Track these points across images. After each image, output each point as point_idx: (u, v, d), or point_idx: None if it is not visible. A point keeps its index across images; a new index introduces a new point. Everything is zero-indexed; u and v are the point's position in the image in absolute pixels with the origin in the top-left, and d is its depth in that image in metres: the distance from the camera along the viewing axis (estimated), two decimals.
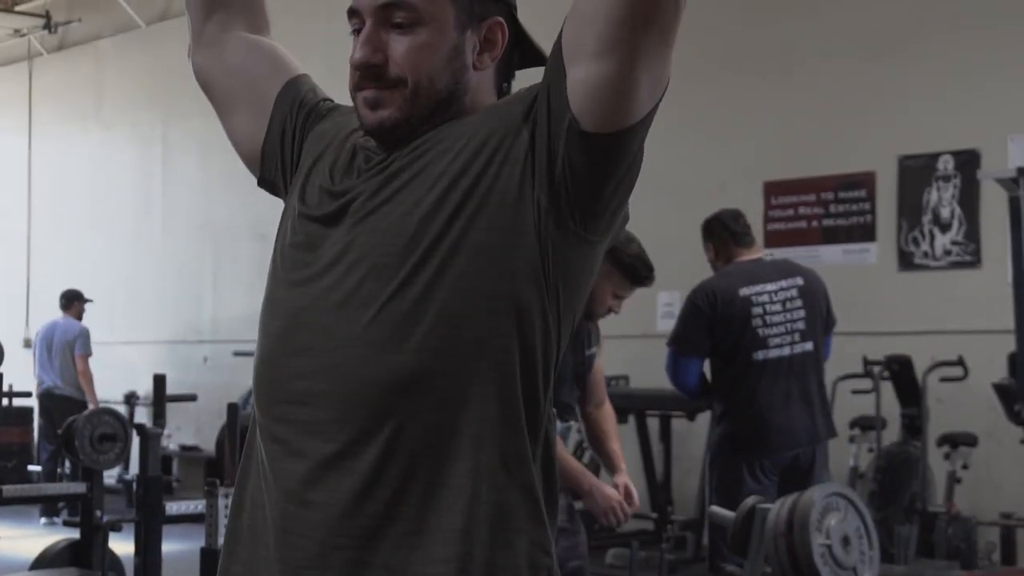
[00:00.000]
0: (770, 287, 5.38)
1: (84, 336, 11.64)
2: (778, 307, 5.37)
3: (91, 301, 11.98)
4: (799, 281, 5.46)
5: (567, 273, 1.78)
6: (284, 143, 1.99)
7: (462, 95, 1.84)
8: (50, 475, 11.16)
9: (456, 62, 1.83)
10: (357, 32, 1.84)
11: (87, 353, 11.62)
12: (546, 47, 1.96)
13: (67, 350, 11.57)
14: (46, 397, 11.49)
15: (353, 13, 1.85)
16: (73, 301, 11.87)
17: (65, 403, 11.09)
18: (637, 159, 1.77)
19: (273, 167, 2.00)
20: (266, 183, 2.03)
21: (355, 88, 1.85)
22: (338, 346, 1.75)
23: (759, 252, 5.62)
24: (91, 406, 10.74)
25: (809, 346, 5.44)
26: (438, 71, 1.81)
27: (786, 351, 5.36)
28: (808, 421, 5.42)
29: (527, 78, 1.97)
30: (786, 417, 5.34)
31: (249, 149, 2.03)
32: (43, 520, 10.88)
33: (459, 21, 1.82)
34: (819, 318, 5.51)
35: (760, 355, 5.32)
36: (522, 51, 1.93)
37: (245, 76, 2.05)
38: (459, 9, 1.82)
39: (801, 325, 5.39)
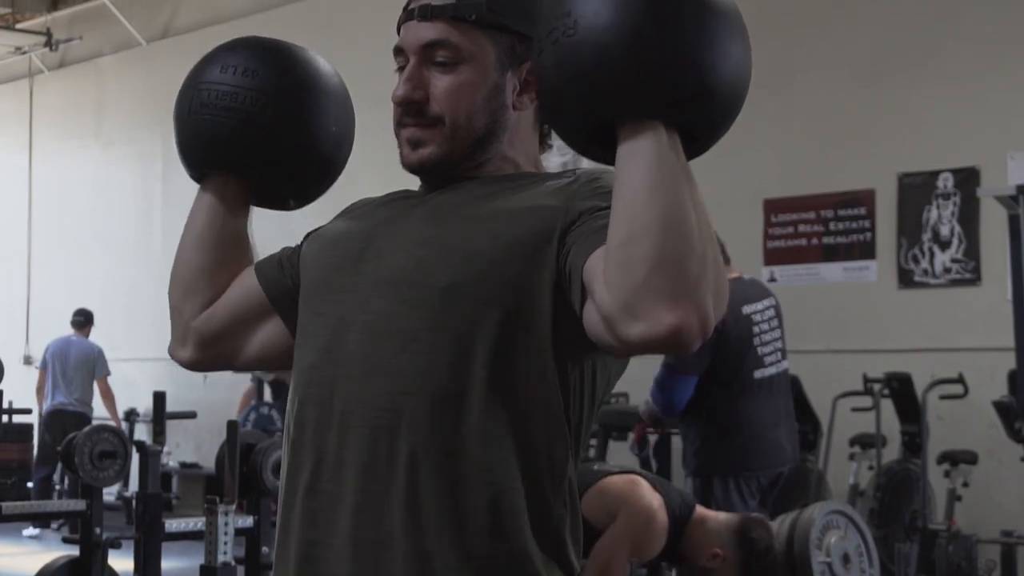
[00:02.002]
0: (759, 306, 5.45)
1: (103, 357, 11.84)
2: (767, 326, 5.44)
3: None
4: (774, 301, 5.58)
5: (592, 377, 1.79)
6: (294, 295, 1.96)
7: (501, 134, 1.86)
8: (44, 493, 11.17)
9: (495, 102, 1.85)
10: (402, 69, 1.87)
11: (108, 373, 11.82)
12: None
13: (85, 369, 11.71)
14: (57, 415, 11.51)
15: (398, 51, 1.88)
16: (90, 321, 12.04)
17: (78, 420, 11.14)
18: None
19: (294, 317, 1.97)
20: None
21: (397, 124, 1.87)
22: (358, 418, 1.75)
23: (736, 271, 5.65)
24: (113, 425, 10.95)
25: (786, 364, 5.57)
26: (477, 110, 1.83)
27: (773, 369, 5.44)
28: (792, 438, 5.54)
29: None
30: (778, 434, 5.42)
31: (281, 347, 1.99)
32: (32, 531, 10.91)
33: (500, 62, 1.84)
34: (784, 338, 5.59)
35: (759, 373, 5.37)
36: None
37: (234, 319, 2.04)
38: (500, 50, 1.84)
39: (780, 344, 5.50)
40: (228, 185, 2.06)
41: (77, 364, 11.70)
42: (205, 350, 2.07)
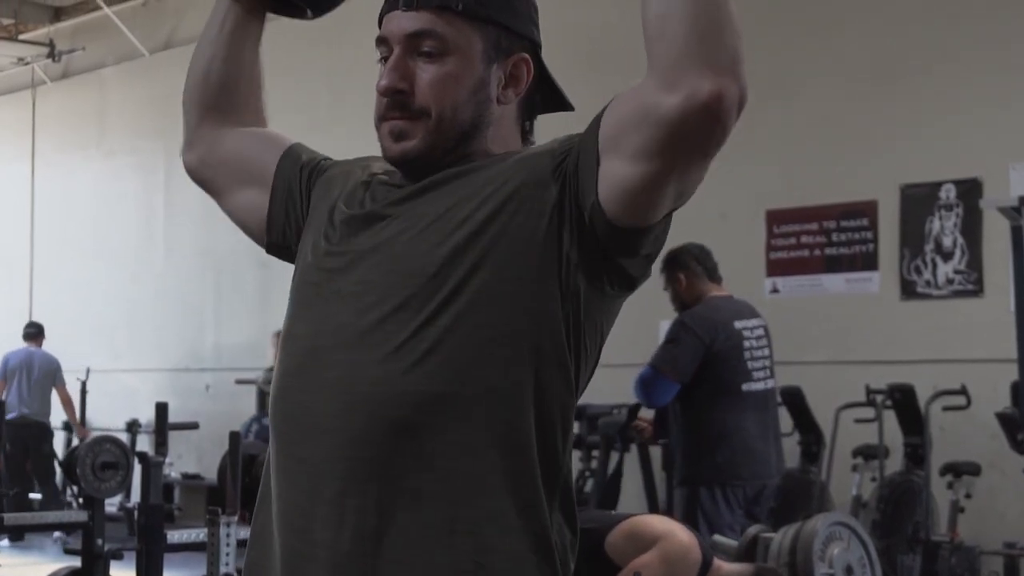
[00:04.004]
0: (750, 323, 5.63)
1: (60, 366, 12.29)
2: (756, 343, 5.61)
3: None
4: (763, 322, 5.78)
5: (588, 324, 1.78)
6: (291, 204, 1.99)
7: (485, 128, 1.85)
8: (21, 505, 11.17)
9: (480, 94, 1.83)
10: (385, 60, 1.86)
11: (64, 382, 12.29)
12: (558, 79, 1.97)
13: (48, 380, 12.16)
14: (20, 425, 11.65)
15: (381, 41, 1.86)
16: (41, 333, 12.54)
17: (39, 429, 11.79)
18: (662, 235, 1.79)
19: (280, 230, 2.01)
20: (274, 247, 2.04)
21: (380, 117, 1.86)
22: (352, 384, 1.74)
23: (727, 290, 5.80)
24: (76, 430, 12.14)
25: (773, 383, 5.77)
26: (462, 102, 1.82)
27: (761, 385, 5.61)
28: (777, 452, 5.72)
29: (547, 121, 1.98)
30: (765, 446, 5.58)
31: (255, 221, 2.05)
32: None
33: (486, 54, 1.83)
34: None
35: (746, 387, 5.54)
36: (544, 94, 1.94)
37: (240, 158, 2.07)
38: (486, 42, 1.83)
39: (768, 363, 5.70)
40: None
41: (41, 375, 12.12)
42: (202, 168, 2.12)
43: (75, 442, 12.24)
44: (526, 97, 1.89)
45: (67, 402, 12.25)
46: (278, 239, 2.01)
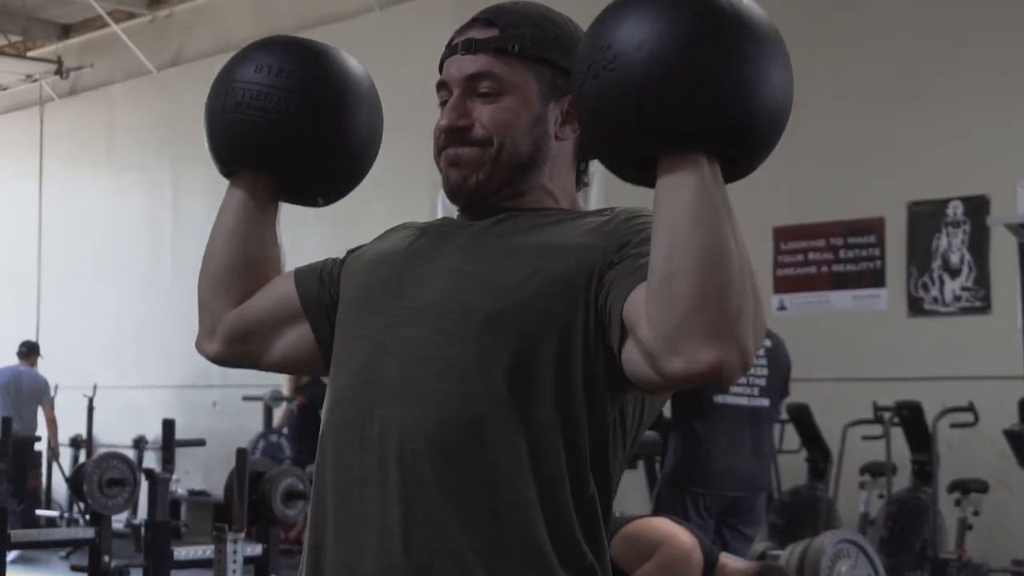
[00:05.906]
0: None
1: (48, 386, 12.43)
2: None
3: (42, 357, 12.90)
4: (767, 343, 5.85)
5: (625, 412, 1.80)
6: (331, 309, 1.98)
7: (542, 163, 1.88)
8: (27, 521, 11.18)
9: (538, 129, 1.87)
10: (445, 104, 1.89)
11: (52, 402, 12.45)
12: None
13: (35, 399, 12.30)
14: (11, 441, 11.76)
15: (442, 85, 1.90)
16: (33, 351, 12.67)
17: (28, 445, 11.82)
18: None
19: (331, 341, 1.98)
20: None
21: (439, 149, 1.88)
22: (396, 441, 1.76)
23: None
24: (53, 446, 12.38)
25: (765, 402, 5.84)
26: (520, 135, 1.85)
27: (743, 400, 5.74)
28: (755, 469, 5.81)
29: None
30: (736, 460, 5.71)
31: (305, 353, 2.03)
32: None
33: (542, 93, 1.87)
34: (779, 381, 5.90)
35: (719, 399, 5.72)
36: None
37: (266, 315, 2.05)
38: (542, 82, 1.87)
39: (762, 382, 5.79)
40: (258, 182, 2.08)
41: (29, 393, 12.24)
42: (233, 346, 2.09)
43: (82, 458, 12.28)
44: (582, 135, 1.89)
45: (51, 422, 12.34)
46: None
